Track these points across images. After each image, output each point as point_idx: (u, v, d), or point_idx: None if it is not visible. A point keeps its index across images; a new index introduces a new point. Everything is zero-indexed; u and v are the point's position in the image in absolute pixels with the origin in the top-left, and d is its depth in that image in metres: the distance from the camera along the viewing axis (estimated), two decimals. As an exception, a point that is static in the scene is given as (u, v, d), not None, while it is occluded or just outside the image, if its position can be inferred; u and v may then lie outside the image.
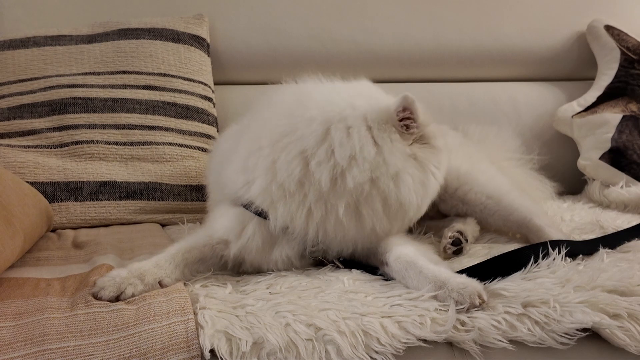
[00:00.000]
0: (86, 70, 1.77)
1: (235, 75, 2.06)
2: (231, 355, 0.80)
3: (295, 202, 1.03)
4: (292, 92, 1.16)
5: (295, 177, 1.03)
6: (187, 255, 1.07)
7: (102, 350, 0.78)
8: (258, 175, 1.07)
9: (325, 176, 1.02)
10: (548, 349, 0.85)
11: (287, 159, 1.04)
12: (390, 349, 0.82)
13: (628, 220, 1.48)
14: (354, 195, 1.03)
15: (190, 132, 1.77)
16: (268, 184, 1.05)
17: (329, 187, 1.02)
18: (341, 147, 1.03)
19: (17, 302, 0.90)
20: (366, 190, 1.02)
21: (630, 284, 0.92)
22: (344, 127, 1.05)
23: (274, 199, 1.05)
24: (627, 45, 2.02)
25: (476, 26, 2.14)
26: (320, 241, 1.07)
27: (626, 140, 1.88)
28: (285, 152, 1.04)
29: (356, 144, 1.03)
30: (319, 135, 1.04)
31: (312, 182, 1.02)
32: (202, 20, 1.95)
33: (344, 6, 2.09)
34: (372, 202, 1.03)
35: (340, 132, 1.04)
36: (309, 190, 1.03)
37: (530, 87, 2.17)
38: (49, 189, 1.58)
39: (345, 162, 1.02)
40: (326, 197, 1.03)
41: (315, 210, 1.03)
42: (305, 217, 1.04)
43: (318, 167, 1.02)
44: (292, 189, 1.03)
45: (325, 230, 1.05)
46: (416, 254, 1.03)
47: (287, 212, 1.04)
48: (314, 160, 1.03)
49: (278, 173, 1.04)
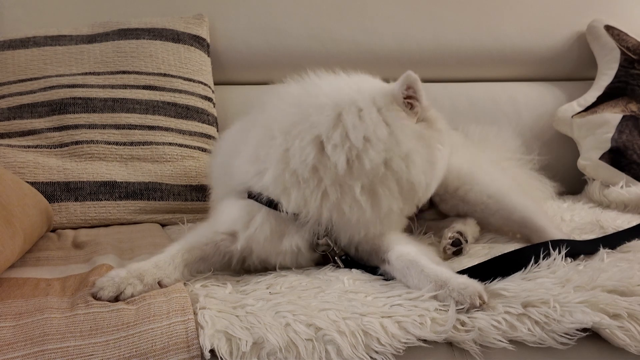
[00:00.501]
0: (86, 70, 1.77)
1: (235, 75, 2.06)
2: (231, 355, 0.80)
3: (310, 187, 1.05)
4: (299, 84, 1.18)
5: (309, 163, 1.04)
6: (187, 256, 1.07)
7: (102, 350, 0.78)
8: (270, 164, 1.07)
9: (342, 159, 1.03)
10: (548, 349, 0.85)
11: (301, 146, 1.05)
12: (390, 349, 0.82)
13: (628, 220, 1.48)
14: (370, 177, 1.05)
15: (190, 132, 1.77)
16: (281, 172, 1.06)
17: (345, 170, 1.04)
18: (355, 129, 1.05)
19: (17, 302, 0.90)
20: (381, 171, 1.05)
21: (630, 284, 0.92)
22: (356, 109, 1.07)
23: (287, 185, 1.06)
24: (627, 45, 2.02)
25: (476, 26, 2.14)
26: (334, 224, 1.07)
27: (626, 140, 1.88)
28: (298, 139, 1.05)
29: (369, 125, 1.05)
30: (331, 120, 1.06)
31: (328, 166, 1.04)
32: (202, 20, 1.95)
33: (344, 6, 2.09)
34: (387, 182, 1.06)
35: (353, 115, 1.06)
36: (325, 174, 1.04)
37: (530, 87, 2.17)
38: (49, 189, 1.58)
39: (360, 144, 1.04)
40: (342, 180, 1.04)
41: (331, 192, 1.05)
42: (320, 199, 1.05)
43: (334, 150, 1.04)
44: (305, 175, 1.04)
45: (342, 211, 1.06)
46: (418, 253, 1.03)
47: (300, 197, 1.05)
48: (330, 143, 1.04)
49: (291, 160, 1.05)
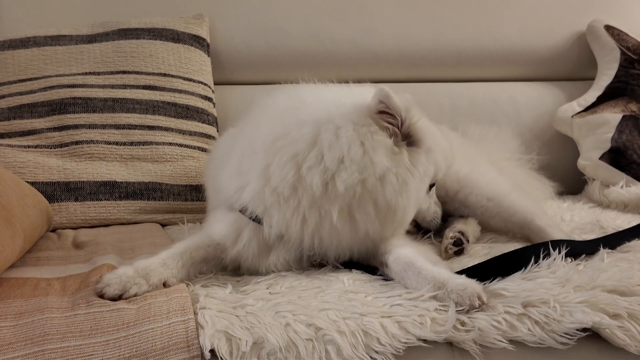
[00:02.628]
0: (86, 70, 1.77)
1: (235, 75, 2.06)
2: (231, 355, 0.80)
3: (290, 208, 1.02)
4: (284, 96, 1.15)
5: (289, 181, 1.01)
6: (195, 254, 1.07)
7: (102, 350, 0.78)
8: (251, 179, 1.05)
9: (316, 180, 1.00)
10: (548, 349, 0.85)
11: (281, 163, 1.02)
12: (390, 349, 0.82)
13: (628, 220, 1.48)
14: (347, 200, 1.01)
15: (190, 132, 1.77)
16: (261, 189, 1.03)
17: (321, 192, 1.00)
18: (330, 150, 1.01)
19: (17, 302, 0.90)
20: (358, 193, 1.01)
21: (630, 284, 0.92)
22: (333, 127, 1.02)
23: (267, 204, 1.03)
24: (627, 45, 2.01)
25: (476, 26, 2.14)
26: (316, 248, 1.06)
27: (626, 140, 1.88)
28: (278, 156, 1.02)
29: (344, 145, 1.00)
30: (309, 139, 1.02)
31: (305, 187, 1.01)
32: (202, 20, 1.95)
33: (344, 6, 2.09)
34: (364, 205, 1.02)
35: (330, 133, 1.02)
36: (303, 195, 1.01)
37: (530, 87, 2.17)
38: (49, 189, 1.58)
39: (334, 165, 1.00)
40: (319, 203, 1.01)
41: (310, 217, 1.02)
42: (300, 224, 1.02)
43: (309, 171, 1.00)
44: (286, 194, 1.01)
45: (321, 237, 1.04)
46: (415, 254, 1.02)
47: (282, 220, 1.03)
48: (305, 164, 1.01)
49: (272, 177, 1.02)
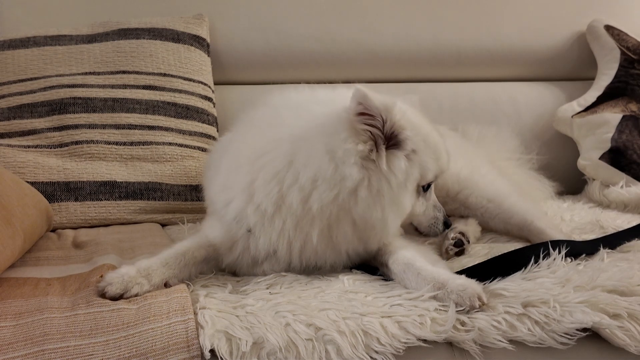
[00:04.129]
0: (86, 70, 1.77)
1: (235, 75, 2.06)
2: (231, 355, 0.80)
3: (276, 230, 1.01)
4: (266, 110, 1.13)
5: (272, 198, 1.00)
6: (197, 254, 1.07)
7: (102, 350, 0.78)
8: (236, 194, 1.04)
9: (296, 199, 0.98)
10: (548, 349, 0.85)
11: (265, 179, 1.00)
12: (390, 348, 0.82)
13: (628, 220, 1.48)
14: (324, 220, 1.00)
15: (190, 132, 1.77)
16: (245, 205, 1.02)
17: (301, 211, 0.99)
18: (305, 168, 0.98)
19: (17, 302, 0.90)
20: (334, 213, 0.99)
21: (630, 284, 0.92)
22: (306, 145, 1.00)
23: (251, 223, 1.03)
24: (627, 45, 2.01)
25: (476, 26, 2.14)
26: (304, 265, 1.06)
27: (626, 140, 1.88)
28: (262, 172, 1.01)
29: (315, 163, 0.98)
30: (287, 157, 1.00)
31: (287, 205, 0.99)
32: (202, 20, 1.95)
33: (344, 6, 2.09)
34: (341, 225, 1.01)
35: (303, 151, 0.99)
36: (287, 216, 1.00)
37: (530, 87, 2.17)
38: (49, 189, 1.58)
39: (308, 185, 0.98)
40: (302, 224, 1.00)
41: (295, 239, 1.01)
42: (287, 246, 1.02)
43: (289, 189, 0.99)
44: (270, 212, 1.00)
45: (307, 257, 1.04)
46: (414, 255, 1.02)
47: (267, 241, 1.03)
48: (286, 182, 0.99)
49: (255, 194, 1.01)
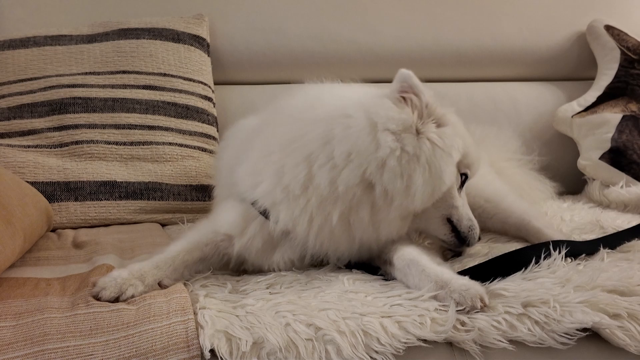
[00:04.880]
0: (86, 70, 1.77)
1: (235, 75, 2.06)
2: (231, 355, 0.80)
3: (299, 206, 1.03)
4: (303, 95, 1.16)
5: (300, 180, 1.02)
6: (187, 257, 1.07)
7: (102, 350, 0.78)
8: (265, 178, 1.07)
9: (325, 179, 1.01)
10: (548, 349, 0.85)
11: (294, 163, 1.03)
12: (390, 348, 0.82)
13: (628, 220, 1.48)
14: (346, 203, 1.01)
15: (190, 132, 1.77)
16: (273, 187, 1.05)
17: (328, 192, 1.01)
18: (340, 144, 1.01)
19: (17, 302, 0.90)
20: (357, 195, 1.01)
21: (630, 283, 0.92)
22: (345, 118, 1.03)
23: (276, 200, 1.05)
24: (627, 45, 2.01)
25: (476, 26, 2.14)
26: (318, 249, 1.07)
27: (626, 140, 1.88)
28: (292, 157, 1.04)
29: (353, 135, 1.01)
30: (323, 137, 1.03)
31: (315, 186, 1.02)
32: (202, 20, 1.95)
33: (344, 6, 2.09)
34: (361, 208, 1.02)
35: (341, 125, 1.03)
36: (312, 195, 1.02)
37: (530, 87, 2.17)
38: (49, 189, 1.58)
39: (342, 161, 1.01)
40: (325, 204, 1.02)
41: (316, 216, 1.03)
42: (308, 223, 1.03)
43: (319, 170, 1.02)
44: (296, 193, 1.02)
45: (322, 239, 1.05)
46: (420, 253, 1.03)
47: (289, 216, 1.04)
48: (317, 163, 1.02)
49: (284, 176, 1.04)
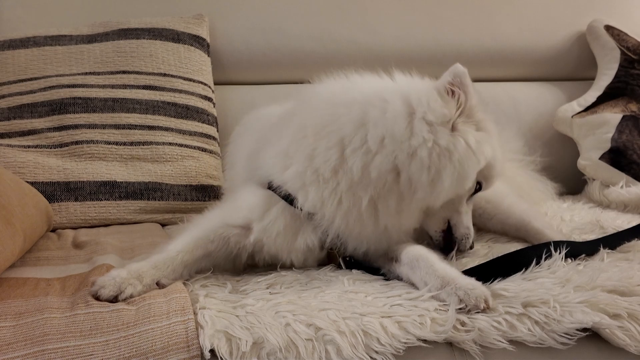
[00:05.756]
0: (86, 70, 1.77)
1: (235, 75, 2.06)
2: (231, 355, 0.80)
3: (329, 188, 1.04)
4: (339, 81, 1.17)
5: (331, 164, 1.04)
6: (187, 257, 1.07)
7: (102, 350, 0.78)
8: (296, 161, 1.08)
9: (357, 164, 1.02)
10: (548, 349, 0.85)
11: (326, 147, 1.05)
12: (390, 349, 0.82)
13: (628, 220, 1.48)
14: (377, 189, 1.03)
15: (190, 132, 1.77)
16: (303, 169, 1.06)
17: (359, 177, 1.02)
18: (375, 127, 1.03)
19: (17, 302, 0.90)
20: (388, 182, 1.02)
21: (630, 284, 0.92)
22: (381, 103, 1.04)
23: (306, 182, 1.06)
24: (627, 45, 2.01)
25: (476, 26, 2.14)
26: (341, 233, 1.07)
27: (626, 140, 1.88)
28: (325, 140, 1.05)
29: (389, 120, 1.02)
30: (357, 119, 1.04)
31: (346, 170, 1.03)
32: (202, 20, 1.95)
33: (344, 6, 2.09)
34: (390, 196, 1.03)
35: (377, 109, 1.04)
36: (342, 178, 1.03)
37: (530, 87, 2.17)
38: (49, 189, 1.58)
39: (375, 146, 1.02)
40: (355, 188, 1.03)
41: (345, 199, 1.04)
42: (336, 205, 1.04)
43: (352, 154, 1.03)
44: (326, 175, 1.04)
45: (348, 222, 1.05)
46: (428, 251, 1.04)
47: (318, 197, 1.05)
48: (350, 147, 1.03)
49: (315, 159, 1.05)
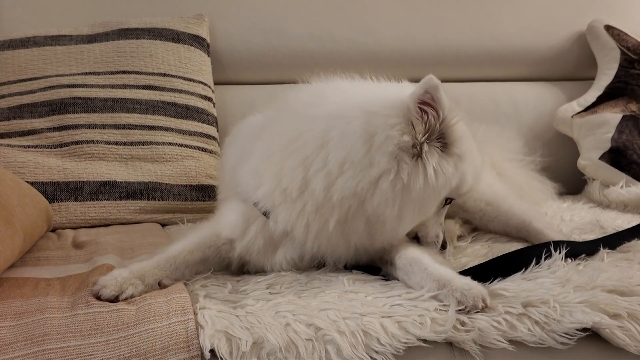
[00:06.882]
0: (86, 70, 1.77)
1: (235, 75, 2.06)
2: (231, 355, 0.80)
3: (296, 210, 1.01)
4: (307, 91, 1.14)
5: (297, 184, 1.00)
6: (189, 257, 1.07)
7: (102, 350, 0.78)
8: (265, 180, 1.06)
9: (320, 186, 0.99)
10: (548, 349, 0.85)
11: (291, 167, 1.01)
12: (390, 348, 0.82)
13: (628, 220, 1.48)
14: (342, 211, 0.99)
15: (190, 132, 1.77)
16: (273, 189, 1.04)
17: (323, 198, 0.99)
18: (335, 150, 0.98)
19: (17, 302, 0.90)
20: (353, 206, 0.98)
21: (630, 284, 0.92)
22: (343, 122, 0.99)
23: (275, 203, 1.04)
24: (627, 45, 2.01)
25: (476, 26, 2.14)
26: (316, 251, 1.06)
27: (626, 140, 1.88)
28: (290, 160, 1.02)
29: (348, 144, 0.97)
30: (319, 139, 1.00)
31: (310, 191, 1.00)
32: (202, 20, 1.95)
33: (344, 6, 2.09)
34: (356, 218, 1.00)
35: (338, 130, 0.99)
36: (308, 200, 1.00)
37: (530, 87, 2.17)
38: (49, 189, 1.58)
39: (336, 169, 0.98)
40: (322, 210, 1.00)
41: (313, 222, 1.01)
42: (305, 227, 1.02)
43: (315, 175, 0.99)
44: (293, 196, 1.01)
45: (320, 243, 1.04)
46: (422, 253, 1.03)
47: (287, 219, 1.03)
48: (312, 168, 1.00)
49: (283, 179, 1.02)
